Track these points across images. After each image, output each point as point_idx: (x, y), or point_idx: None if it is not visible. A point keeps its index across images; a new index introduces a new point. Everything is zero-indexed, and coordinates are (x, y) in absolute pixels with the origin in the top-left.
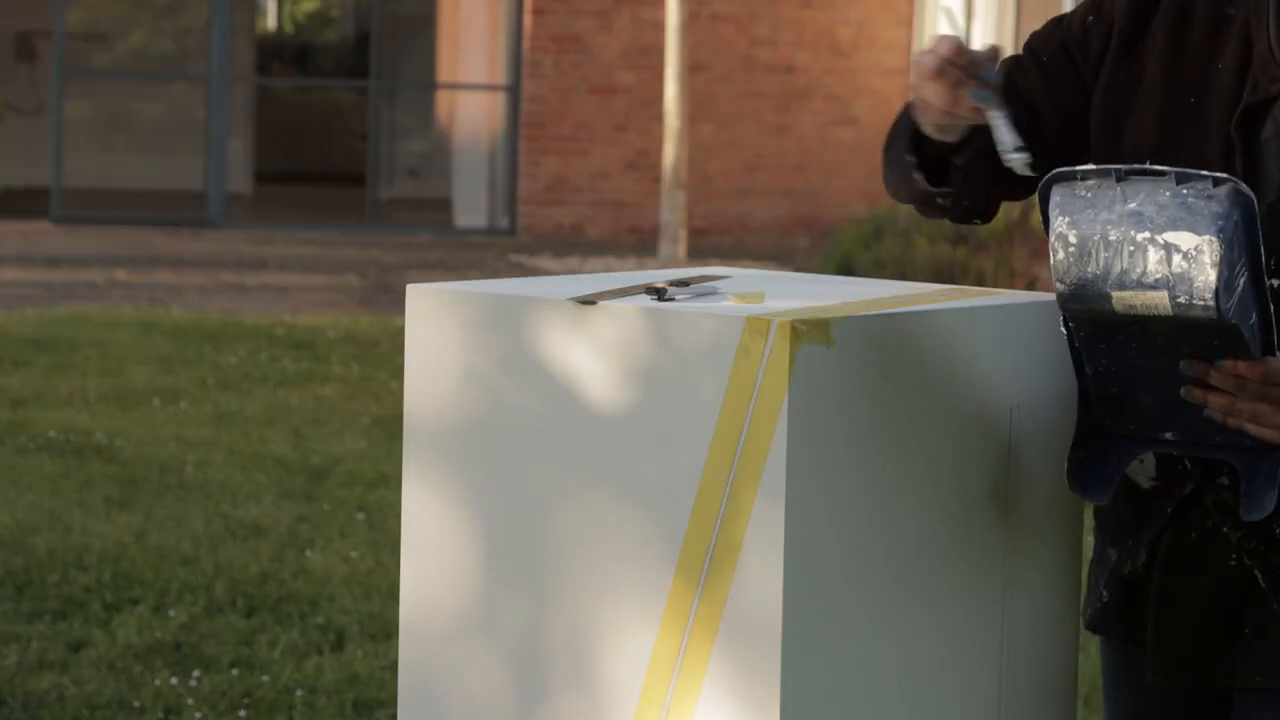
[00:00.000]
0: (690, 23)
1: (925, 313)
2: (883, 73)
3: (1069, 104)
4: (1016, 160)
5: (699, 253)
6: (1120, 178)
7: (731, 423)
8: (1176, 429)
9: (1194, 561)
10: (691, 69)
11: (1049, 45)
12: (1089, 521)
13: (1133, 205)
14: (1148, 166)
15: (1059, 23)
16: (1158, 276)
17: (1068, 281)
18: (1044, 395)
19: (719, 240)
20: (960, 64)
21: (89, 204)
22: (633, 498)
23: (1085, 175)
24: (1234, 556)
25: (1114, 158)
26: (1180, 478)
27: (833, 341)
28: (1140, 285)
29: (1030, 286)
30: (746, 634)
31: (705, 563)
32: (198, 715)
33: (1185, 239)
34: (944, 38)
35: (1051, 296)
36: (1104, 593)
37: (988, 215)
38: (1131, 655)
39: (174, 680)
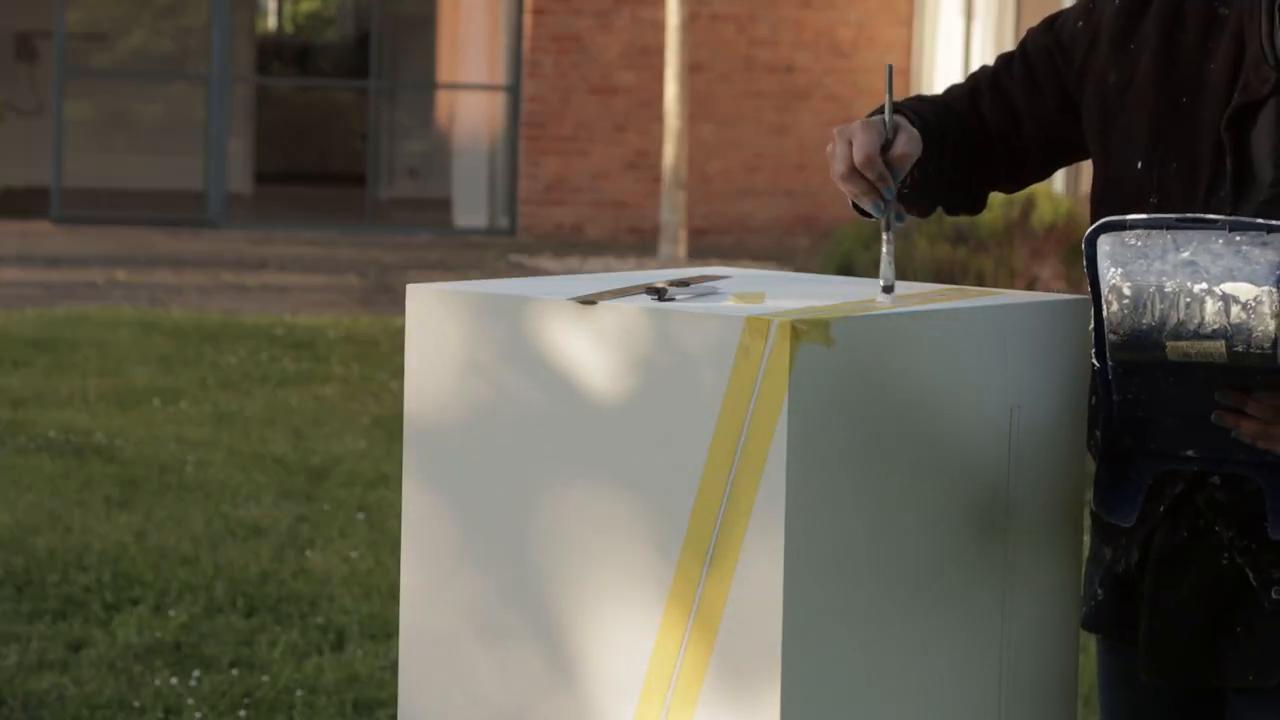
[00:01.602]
0: (690, 23)
1: (925, 313)
2: (882, 73)
3: (1045, 110)
4: (880, 298)
5: (699, 253)
6: (1171, 226)
7: (731, 423)
8: (1198, 447)
9: (1186, 560)
10: (691, 69)
11: (1038, 48)
12: (1088, 521)
13: (1186, 254)
14: (1200, 215)
15: (1051, 24)
16: (1215, 327)
17: (1121, 333)
18: (1044, 395)
19: (719, 240)
20: (869, 176)
21: (89, 204)
22: (633, 498)
23: (1134, 224)
24: (1225, 555)
25: (1105, 158)
26: (1172, 477)
27: (833, 341)
28: (1197, 336)
29: (1030, 286)
30: (747, 633)
31: (705, 563)
32: (198, 715)
33: (1244, 290)
34: (865, 136)
35: (1052, 296)
36: (1099, 591)
37: (973, 209)
38: (1126, 654)
39: (174, 680)
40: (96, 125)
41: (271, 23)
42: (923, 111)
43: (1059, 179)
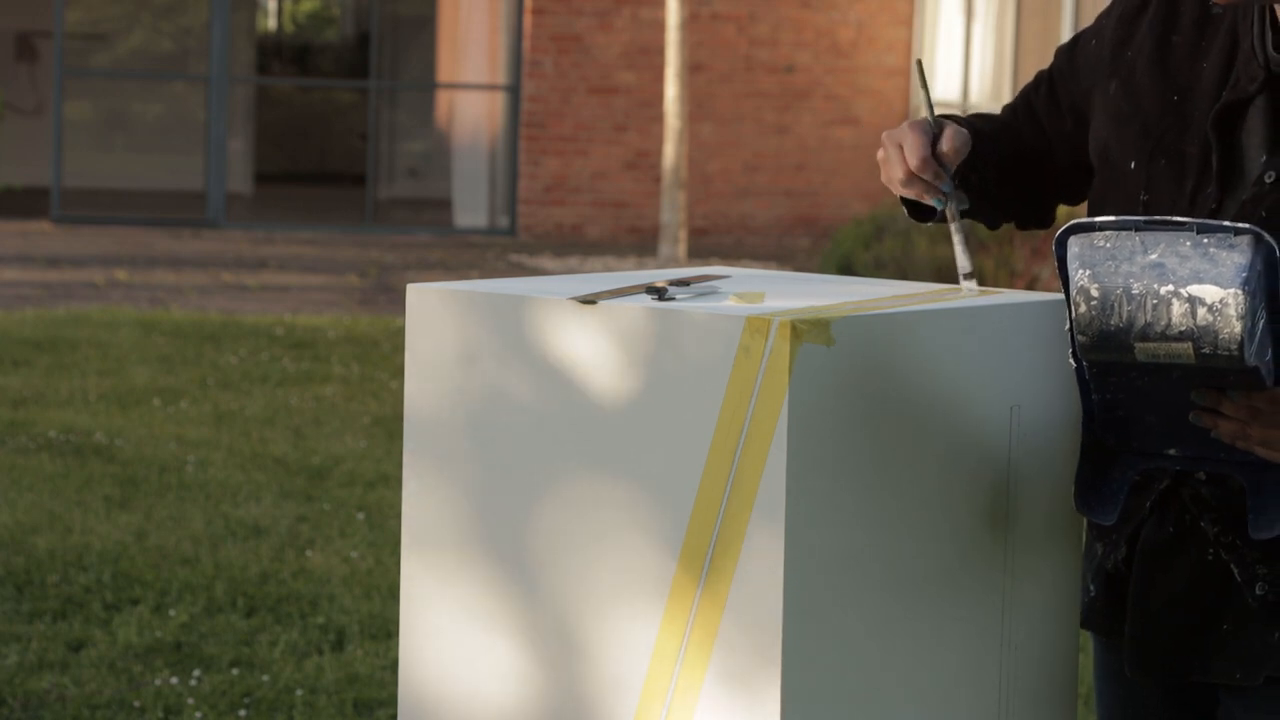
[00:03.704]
0: (690, 23)
1: (925, 313)
2: (883, 73)
3: (1065, 130)
4: (965, 285)
5: (699, 253)
6: (1139, 228)
7: (731, 422)
8: (1180, 446)
9: (1172, 556)
10: (691, 69)
11: (1058, 68)
12: (1087, 520)
13: (1154, 256)
14: (1168, 218)
15: (1075, 43)
16: (1182, 329)
17: (1090, 334)
18: (1044, 395)
19: (719, 240)
20: (925, 178)
21: (89, 204)
22: (633, 497)
23: (1103, 226)
24: (1211, 551)
25: (1103, 161)
26: (1158, 472)
27: (833, 341)
28: (1164, 338)
29: (1030, 286)
30: (747, 632)
31: (706, 562)
32: (198, 715)
33: (1210, 292)
34: (914, 138)
35: (1052, 296)
36: (1091, 587)
37: (1040, 223)
38: (1118, 649)
39: (174, 680)
40: (96, 125)
41: (271, 23)
42: (975, 123)
43: None
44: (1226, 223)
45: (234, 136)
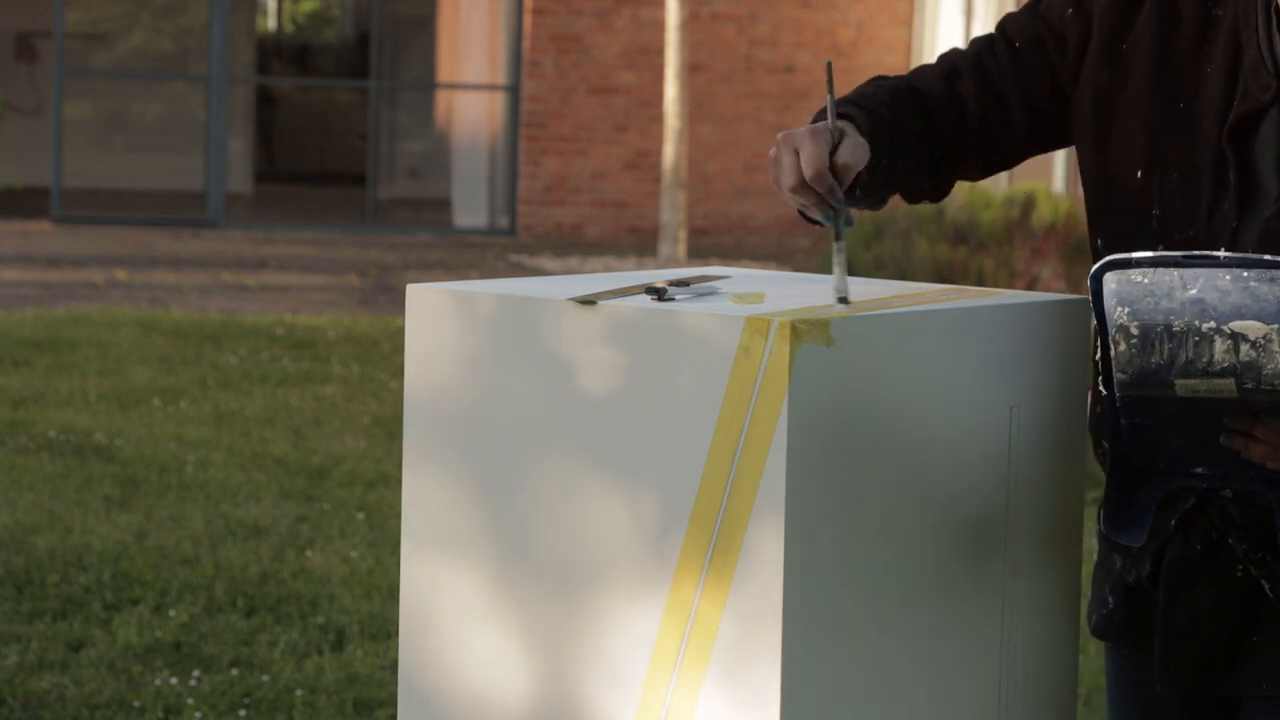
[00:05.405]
0: (690, 23)
1: (925, 313)
2: (883, 73)
3: (1039, 96)
4: (839, 307)
5: (699, 253)
6: (1178, 263)
7: (731, 423)
8: (1208, 465)
9: (1200, 573)
10: (691, 69)
11: (1024, 33)
12: (1089, 524)
13: (1193, 292)
14: (1206, 253)
15: (1034, 9)
16: (1225, 365)
17: (1130, 372)
18: (1044, 395)
19: (719, 240)
20: (819, 189)
21: (89, 204)
22: (633, 498)
23: (1140, 262)
24: (1240, 568)
25: (1102, 167)
26: (1183, 490)
27: (832, 342)
28: (1207, 374)
29: (1030, 286)
30: (748, 632)
31: (705, 562)
32: (198, 715)
33: (1253, 328)
34: (813, 148)
35: (1052, 296)
36: (1110, 599)
37: (936, 197)
38: (1137, 660)
39: (174, 680)
40: (96, 125)
41: (271, 23)
42: (873, 106)
43: (1059, 179)
44: (1267, 256)
45: (234, 136)
